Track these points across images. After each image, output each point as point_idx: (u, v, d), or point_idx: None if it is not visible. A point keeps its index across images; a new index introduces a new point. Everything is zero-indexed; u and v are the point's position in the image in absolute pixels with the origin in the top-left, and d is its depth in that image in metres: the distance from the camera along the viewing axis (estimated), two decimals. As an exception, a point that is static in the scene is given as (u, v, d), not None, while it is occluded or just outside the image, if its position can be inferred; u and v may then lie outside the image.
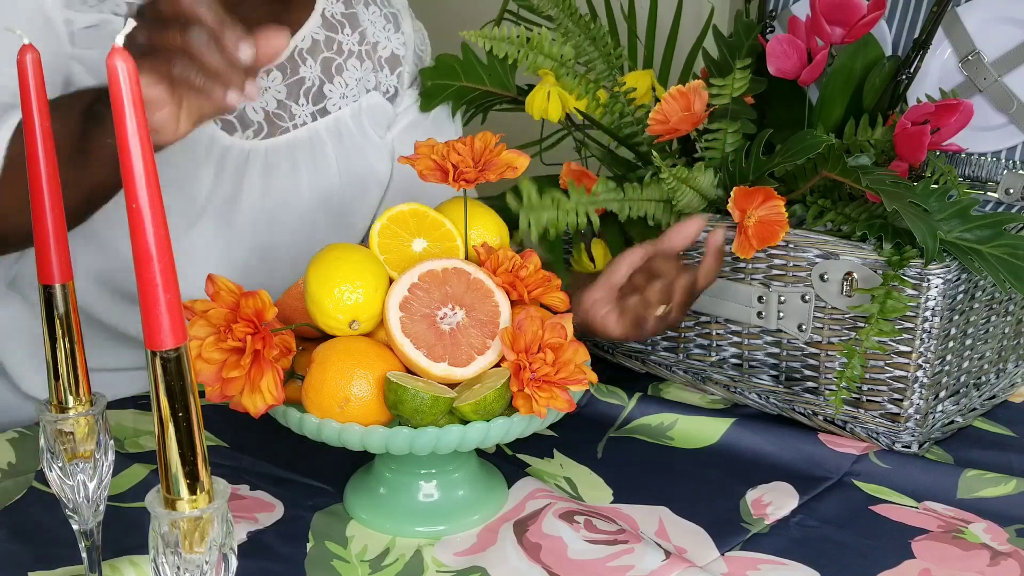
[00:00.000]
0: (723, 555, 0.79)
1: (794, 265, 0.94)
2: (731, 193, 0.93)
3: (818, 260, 0.93)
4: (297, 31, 1.07)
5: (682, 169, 0.95)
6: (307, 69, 1.07)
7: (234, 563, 0.52)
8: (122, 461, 0.88)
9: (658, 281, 0.92)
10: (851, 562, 0.78)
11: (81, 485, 0.64)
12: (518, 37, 1.08)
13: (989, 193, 1.05)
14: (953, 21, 1.07)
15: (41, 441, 0.63)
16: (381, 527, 0.81)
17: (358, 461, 0.87)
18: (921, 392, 0.91)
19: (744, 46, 1.09)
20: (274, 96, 1.05)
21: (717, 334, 1.02)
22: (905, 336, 0.90)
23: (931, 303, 0.88)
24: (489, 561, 0.77)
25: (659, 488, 0.88)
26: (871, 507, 0.86)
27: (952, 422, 0.97)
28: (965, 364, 0.96)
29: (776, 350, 0.98)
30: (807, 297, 0.94)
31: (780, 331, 0.97)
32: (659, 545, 0.79)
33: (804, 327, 0.95)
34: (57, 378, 0.62)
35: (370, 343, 0.78)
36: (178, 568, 0.50)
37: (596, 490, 0.88)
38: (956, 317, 0.91)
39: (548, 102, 1.07)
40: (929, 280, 0.87)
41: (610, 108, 1.08)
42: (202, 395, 0.57)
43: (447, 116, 1.18)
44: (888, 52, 1.11)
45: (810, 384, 0.97)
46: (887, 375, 0.92)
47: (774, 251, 0.95)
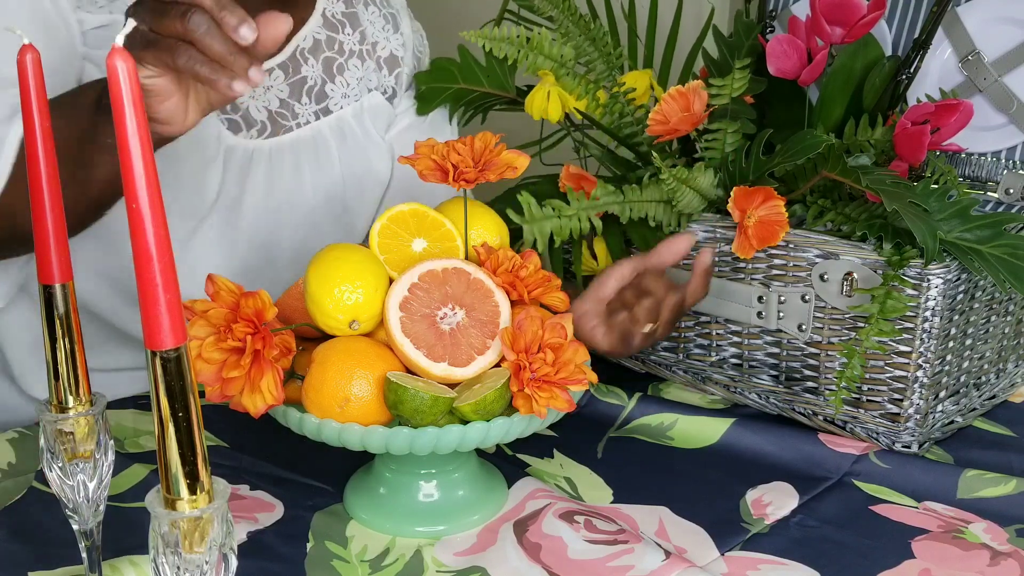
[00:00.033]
0: (723, 555, 0.79)
1: (794, 265, 0.94)
2: (731, 193, 0.93)
3: (818, 260, 0.93)
4: (299, 31, 1.07)
5: (682, 169, 0.95)
6: (309, 68, 1.07)
7: (234, 563, 0.52)
8: (122, 461, 0.88)
9: (647, 299, 0.93)
10: (851, 562, 0.78)
11: (81, 485, 0.64)
12: (518, 37, 1.08)
13: (989, 193, 1.05)
14: (953, 21, 1.07)
15: (41, 441, 0.63)
16: (381, 527, 0.81)
17: (358, 461, 0.87)
18: (921, 392, 0.91)
19: (744, 46, 1.09)
20: (277, 95, 1.05)
21: (717, 334, 1.02)
22: (905, 336, 0.90)
23: (931, 303, 0.88)
24: (489, 561, 0.77)
25: (659, 488, 0.88)
26: (871, 507, 0.86)
27: (952, 422, 0.97)
28: (965, 364, 0.96)
29: (776, 350, 0.98)
30: (807, 297, 0.94)
31: (780, 331, 0.97)
32: (659, 545, 0.79)
33: (804, 327, 0.95)
34: (57, 378, 0.62)
35: (370, 343, 0.78)
36: (178, 568, 0.50)
37: (596, 490, 0.88)
38: (956, 317, 0.91)
39: (548, 102, 1.07)
40: (929, 280, 0.87)
41: (610, 108, 1.08)
42: (202, 395, 0.57)
43: (444, 119, 1.18)
44: (888, 52, 1.11)
45: (810, 384, 0.97)
46: (887, 375, 0.92)
47: (774, 251, 0.95)
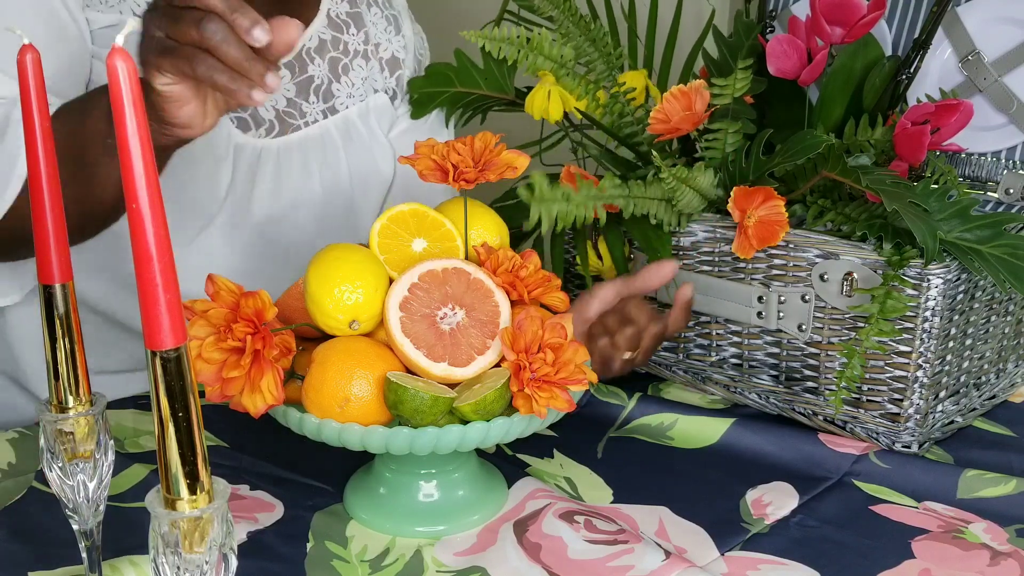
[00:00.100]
0: (723, 555, 0.79)
1: (794, 265, 0.94)
2: (731, 193, 0.93)
3: (818, 260, 0.93)
4: (304, 31, 1.07)
5: (682, 169, 0.95)
6: (315, 68, 1.07)
7: (234, 563, 0.52)
8: (122, 461, 0.88)
9: (629, 327, 0.94)
10: (851, 562, 0.78)
11: (81, 485, 0.64)
12: (518, 38, 1.08)
13: (989, 193, 1.05)
14: (953, 21, 1.07)
15: (41, 441, 0.63)
16: (381, 527, 0.81)
17: (358, 461, 0.87)
18: (921, 392, 0.91)
19: (744, 46, 1.09)
20: (284, 94, 1.06)
21: (717, 334, 1.02)
22: (905, 336, 0.90)
23: (931, 303, 0.88)
24: (489, 561, 0.77)
25: (659, 488, 0.88)
26: (871, 507, 0.86)
27: (952, 422, 0.97)
28: (965, 364, 0.96)
29: (776, 350, 0.98)
30: (807, 297, 0.94)
31: (780, 331, 0.97)
32: (659, 545, 0.79)
33: (804, 327, 0.95)
34: (57, 378, 0.62)
35: (370, 343, 0.78)
36: (178, 568, 0.50)
37: (596, 490, 0.88)
38: (956, 317, 0.91)
39: (549, 102, 1.07)
40: (929, 280, 0.87)
41: (610, 108, 1.08)
42: (202, 395, 0.57)
43: (441, 123, 1.18)
44: (888, 52, 1.11)
45: (810, 384, 0.97)
46: (887, 375, 0.92)
47: (774, 251, 0.95)
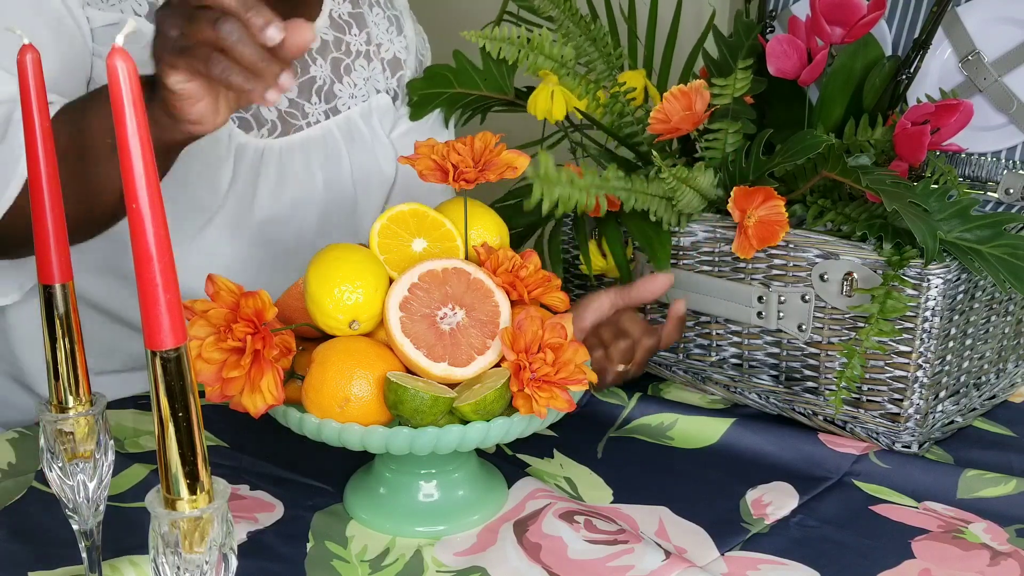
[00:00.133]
0: (723, 555, 0.79)
1: (794, 265, 0.94)
2: (731, 193, 0.93)
3: (818, 260, 0.92)
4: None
5: (682, 169, 0.94)
6: (318, 68, 1.07)
7: (234, 563, 0.52)
8: (122, 461, 0.88)
9: (623, 340, 0.95)
10: (851, 562, 0.78)
11: (81, 485, 0.64)
12: (519, 38, 1.08)
13: (989, 193, 1.05)
14: (953, 21, 1.07)
15: (41, 441, 0.63)
16: (381, 527, 0.81)
17: (358, 461, 0.87)
18: (921, 392, 0.91)
19: (744, 46, 1.09)
20: (286, 95, 1.05)
21: (717, 334, 1.02)
22: (905, 336, 0.90)
23: (931, 303, 0.88)
24: (489, 561, 0.77)
25: (659, 488, 0.88)
26: (871, 507, 0.86)
27: (952, 422, 0.97)
28: (965, 364, 0.96)
29: (776, 350, 0.98)
30: (807, 297, 0.94)
31: (780, 331, 0.97)
32: (659, 545, 0.79)
33: (804, 327, 0.95)
34: (57, 378, 0.62)
35: (370, 343, 0.78)
36: (178, 568, 0.50)
37: (596, 490, 0.88)
38: (956, 317, 0.91)
39: (552, 102, 1.07)
40: (929, 280, 0.87)
41: (610, 108, 1.08)
42: (202, 395, 0.57)
43: (441, 125, 1.18)
44: (888, 52, 1.11)
45: (810, 384, 0.97)
46: (887, 375, 0.92)
47: (774, 251, 0.95)
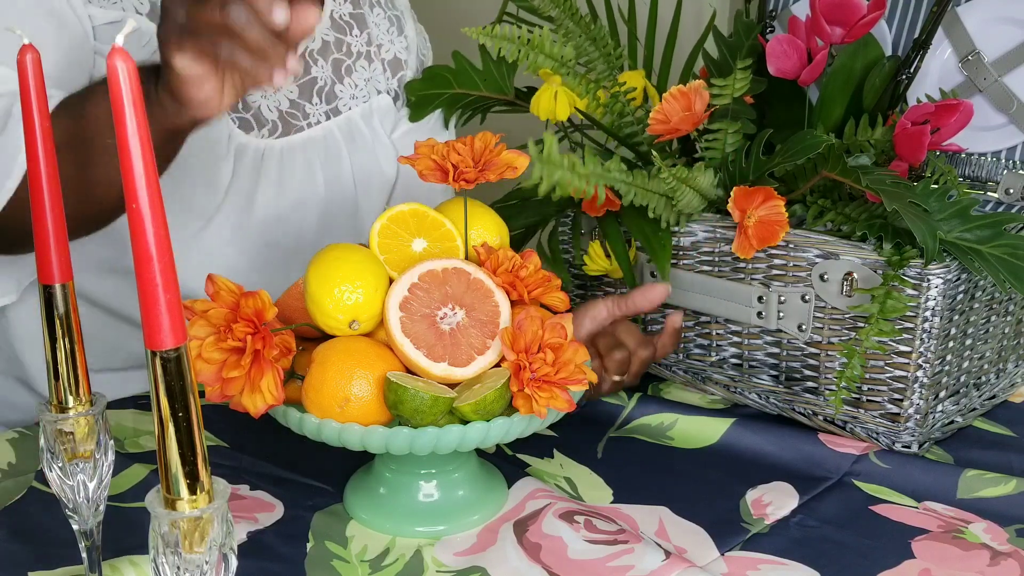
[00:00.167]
0: (723, 555, 0.79)
1: (794, 265, 0.94)
2: (731, 193, 0.93)
3: (818, 260, 0.92)
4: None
5: (682, 169, 0.94)
6: (319, 69, 1.07)
7: (234, 563, 0.52)
8: (122, 461, 0.88)
9: (619, 351, 0.95)
10: (851, 562, 0.78)
11: (81, 485, 0.64)
12: (519, 37, 1.08)
13: (989, 193, 1.05)
14: (953, 21, 1.07)
15: (41, 441, 0.63)
16: (381, 527, 0.81)
17: (358, 461, 0.87)
18: (921, 392, 0.91)
19: (744, 46, 1.09)
20: (287, 96, 1.05)
21: (717, 334, 1.02)
22: (905, 336, 0.90)
23: (931, 303, 0.88)
24: (489, 561, 0.77)
25: (659, 488, 0.88)
26: (871, 507, 0.86)
27: (952, 422, 0.97)
28: (965, 364, 0.96)
29: (776, 350, 0.98)
30: (807, 297, 0.94)
31: (780, 331, 0.97)
32: (659, 545, 0.79)
33: (804, 327, 0.95)
34: (57, 378, 0.62)
35: (370, 343, 0.78)
36: (178, 568, 0.50)
37: (596, 490, 0.88)
38: (956, 317, 0.91)
39: (555, 103, 1.07)
40: (929, 280, 0.87)
41: (610, 108, 1.08)
42: (202, 395, 0.57)
43: (442, 125, 1.18)
44: (888, 52, 1.11)
45: (810, 384, 0.97)
46: (887, 375, 0.92)
47: (774, 251, 0.95)
